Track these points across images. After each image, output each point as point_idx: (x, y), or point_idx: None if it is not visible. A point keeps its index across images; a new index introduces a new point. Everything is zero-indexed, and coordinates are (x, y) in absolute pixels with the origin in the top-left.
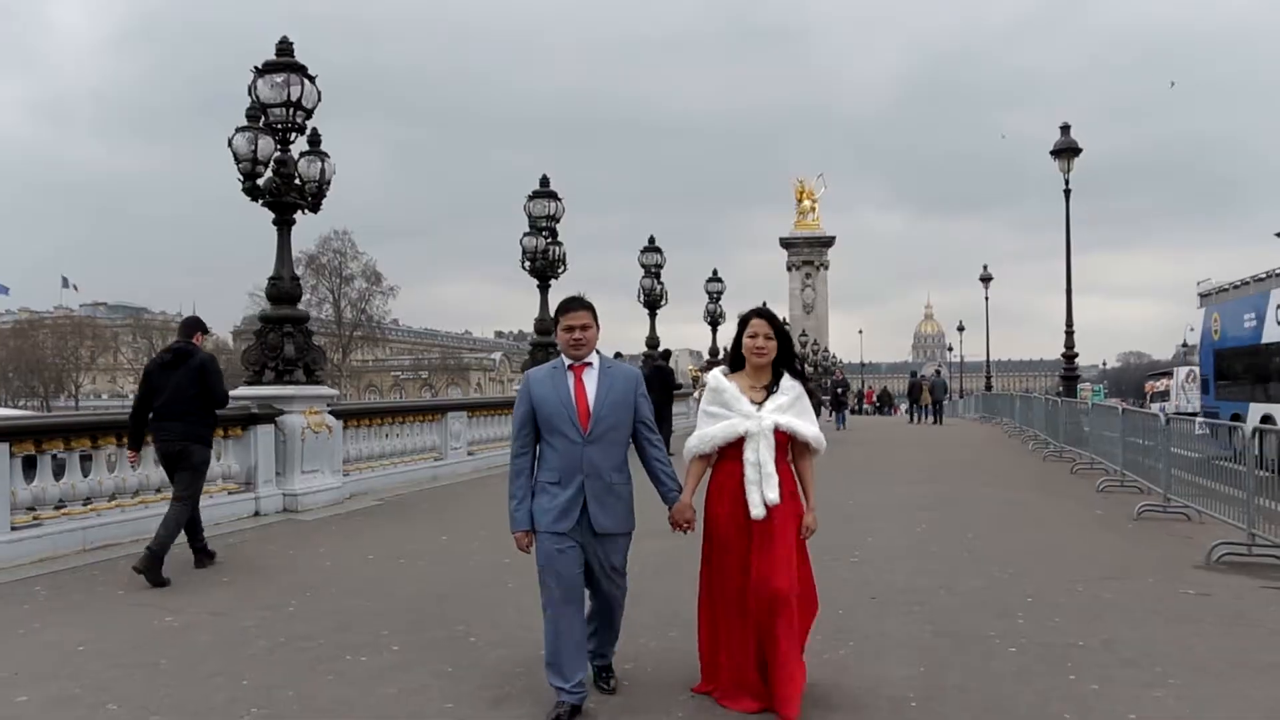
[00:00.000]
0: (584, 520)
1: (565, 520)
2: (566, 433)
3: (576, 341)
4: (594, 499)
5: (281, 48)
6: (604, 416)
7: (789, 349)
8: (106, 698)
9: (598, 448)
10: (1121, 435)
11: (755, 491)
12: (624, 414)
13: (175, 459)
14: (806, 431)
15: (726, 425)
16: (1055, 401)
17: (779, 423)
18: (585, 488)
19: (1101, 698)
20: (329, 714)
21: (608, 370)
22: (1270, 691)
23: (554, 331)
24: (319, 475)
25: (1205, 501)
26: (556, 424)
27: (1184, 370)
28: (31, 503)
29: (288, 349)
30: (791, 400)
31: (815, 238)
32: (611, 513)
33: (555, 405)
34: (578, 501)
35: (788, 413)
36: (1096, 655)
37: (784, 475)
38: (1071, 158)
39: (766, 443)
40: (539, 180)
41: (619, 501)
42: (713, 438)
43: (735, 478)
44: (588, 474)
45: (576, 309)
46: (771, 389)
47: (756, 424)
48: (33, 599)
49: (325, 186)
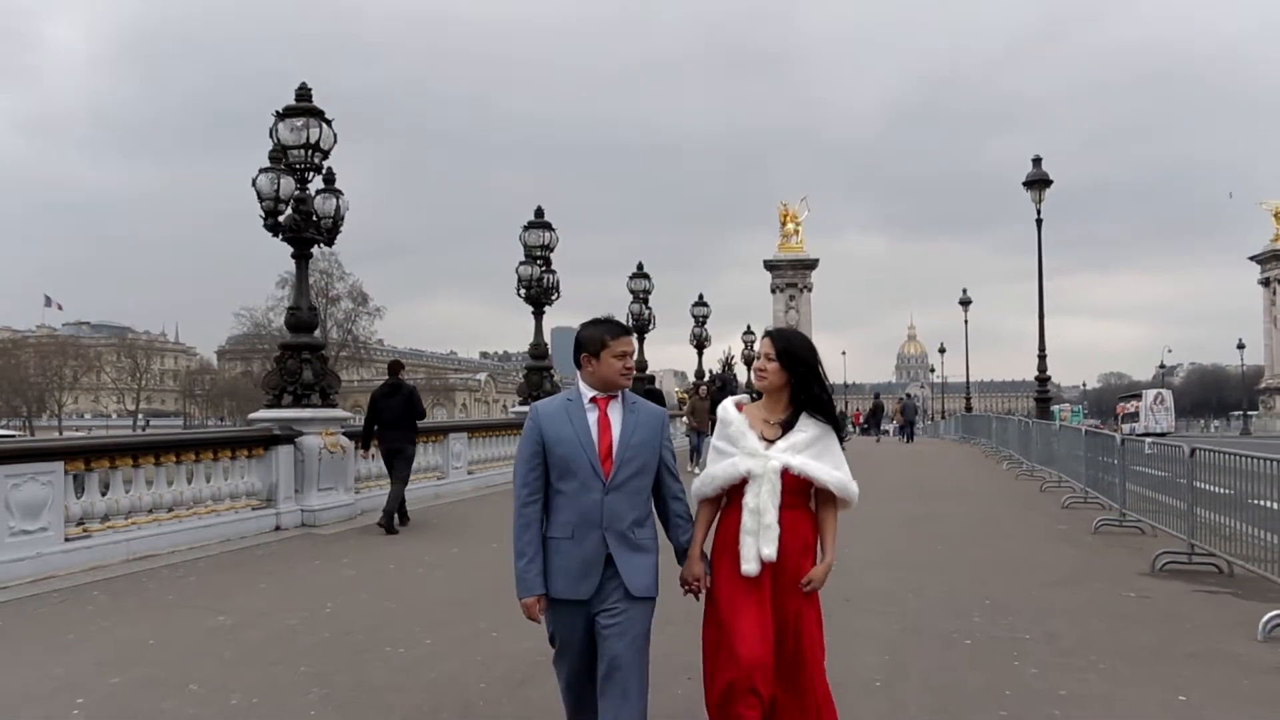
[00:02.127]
0: (609, 584)
1: (583, 583)
2: (584, 477)
3: (629, 370)
4: (620, 556)
5: (300, 93)
6: (630, 459)
7: (810, 374)
8: (186, 680)
9: (621, 495)
10: (1084, 455)
11: (750, 543)
12: (650, 457)
13: (395, 455)
14: (825, 477)
15: (728, 464)
16: (1027, 423)
17: (789, 464)
18: (607, 543)
19: (1039, 679)
20: (385, 691)
21: (633, 406)
22: (1182, 674)
23: (585, 359)
24: (334, 493)
25: (1157, 516)
26: (573, 467)
27: (1151, 393)
28: (81, 516)
29: (306, 374)
30: (811, 438)
31: (799, 260)
32: (645, 571)
33: (573, 445)
34: (597, 560)
35: (803, 452)
36: (1040, 646)
37: (797, 527)
38: (1043, 189)
39: (770, 487)
40: (534, 211)
41: (646, 559)
42: (714, 478)
43: (736, 528)
44: (608, 527)
45: (626, 335)
46: (788, 425)
47: (760, 464)
48: (94, 602)
49: (340, 221)
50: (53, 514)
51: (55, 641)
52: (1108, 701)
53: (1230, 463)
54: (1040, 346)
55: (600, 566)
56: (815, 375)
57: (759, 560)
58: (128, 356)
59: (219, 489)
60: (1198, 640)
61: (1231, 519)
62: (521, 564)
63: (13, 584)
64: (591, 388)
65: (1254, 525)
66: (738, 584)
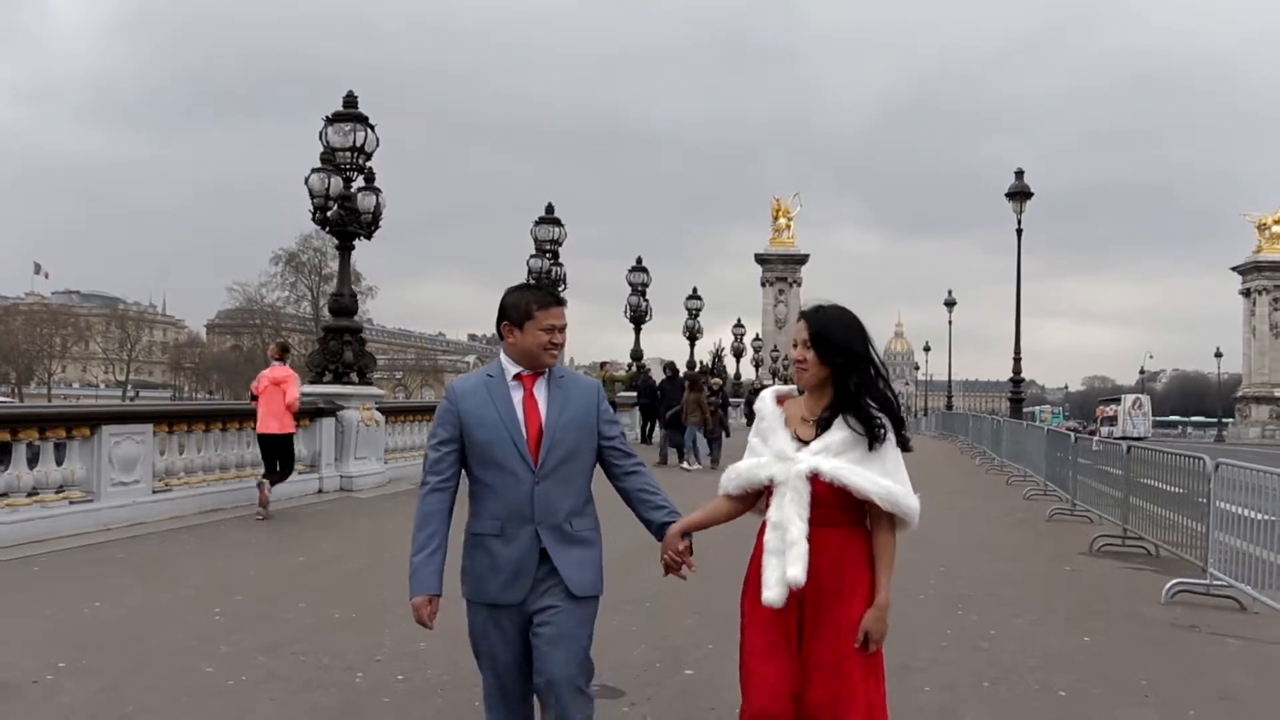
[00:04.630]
0: (542, 584)
1: (517, 586)
2: (511, 466)
3: (556, 346)
4: (557, 552)
5: (348, 101)
6: (560, 441)
7: (851, 366)
8: (294, 600)
9: (553, 484)
10: (1045, 452)
11: (772, 565)
12: (584, 437)
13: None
14: (866, 486)
15: (753, 464)
16: (999, 421)
17: (818, 469)
18: (540, 539)
19: (977, 624)
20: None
21: (559, 381)
22: (1092, 625)
23: (506, 329)
24: (368, 461)
25: (1100, 505)
26: (498, 454)
27: (1130, 398)
28: (163, 473)
29: (346, 354)
30: (851, 439)
31: (790, 255)
32: (589, 567)
33: (496, 428)
34: (530, 559)
35: (841, 455)
36: (982, 601)
37: (836, 549)
38: (1024, 200)
39: (796, 496)
40: (544, 207)
41: (587, 553)
42: (738, 474)
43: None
44: (541, 521)
45: (557, 305)
46: (826, 422)
47: (785, 469)
48: (187, 544)
49: (379, 217)
50: (144, 469)
51: (170, 572)
52: (1026, 639)
53: (1159, 459)
54: (1016, 350)
55: (534, 565)
56: (859, 366)
57: (782, 586)
58: (118, 327)
59: None
60: (1112, 602)
61: (1159, 508)
62: (418, 558)
63: (114, 527)
64: (515, 363)
65: (1177, 513)
66: (760, 615)
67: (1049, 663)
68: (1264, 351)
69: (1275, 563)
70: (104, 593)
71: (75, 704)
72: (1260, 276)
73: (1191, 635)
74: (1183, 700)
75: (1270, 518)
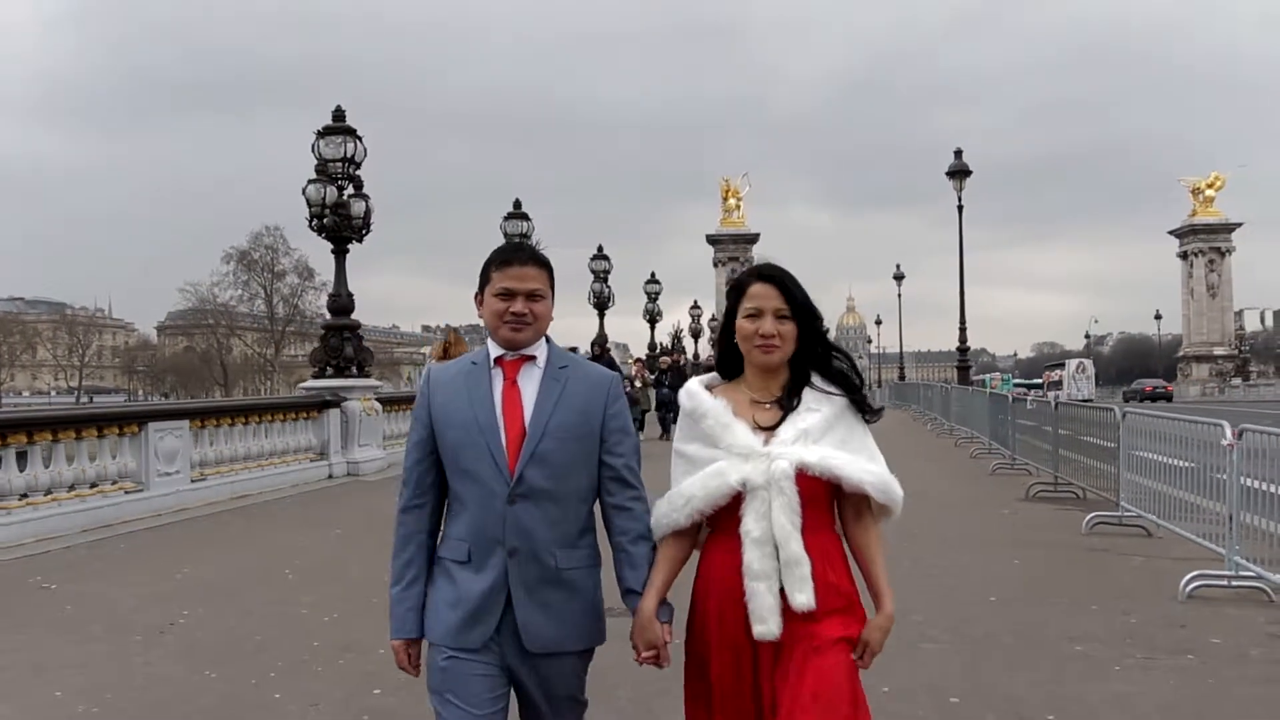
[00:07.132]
0: (506, 629)
1: (475, 628)
2: (481, 474)
3: (517, 316)
4: (525, 591)
5: (336, 115)
6: (546, 449)
7: (815, 332)
8: (348, 564)
9: (533, 504)
10: (989, 414)
11: (761, 592)
12: (581, 447)
13: None
14: (861, 475)
15: (710, 475)
16: (947, 388)
17: (804, 462)
18: (509, 573)
19: (924, 559)
20: None
21: (559, 370)
22: (1022, 553)
23: (477, 300)
24: (370, 448)
25: (1036, 458)
26: (467, 459)
27: (1074, 363)
28: (199, 464)
29: (347, 350)
30: (827, 420)
31: (740, 234)
32: (557, 617)
33: (467, 427)
34: (498, 596)
35: (821, 441)
36: (927, 541)
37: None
38: (964, 178)
39: (783, 501)
40: (512, 203)
41: (571, 598)
42: (688, 499)
43: (731, 567)
44: (514, 548)
45: (519, 262)
46: (790, 403)
47: (762, 468)
48: (233, 524)
49: (369, 220)
50: (183, 461)
51: (228, 546)
52: (966, 568)
53: (1078, 413)
54: (961, 320)
55: (501, 605)
56: (818, 328)
57: (778, 617)
58: (67, 333)
59: (287, 444)
60: (1041, 535)
61: (1083, 456)
62: (395, 590)
63: (164, 513)
64: (498, 345)
65: (1097, 460)
66: (727, 658)
67: (985, 582)
68: (1201, 313)
69: (1175, 496)
70: (187, 563)
71: (215, 638)
72: (1196, 240)
73: (1104, 556)
74: (1088, 599)
75: (1172, 460)
